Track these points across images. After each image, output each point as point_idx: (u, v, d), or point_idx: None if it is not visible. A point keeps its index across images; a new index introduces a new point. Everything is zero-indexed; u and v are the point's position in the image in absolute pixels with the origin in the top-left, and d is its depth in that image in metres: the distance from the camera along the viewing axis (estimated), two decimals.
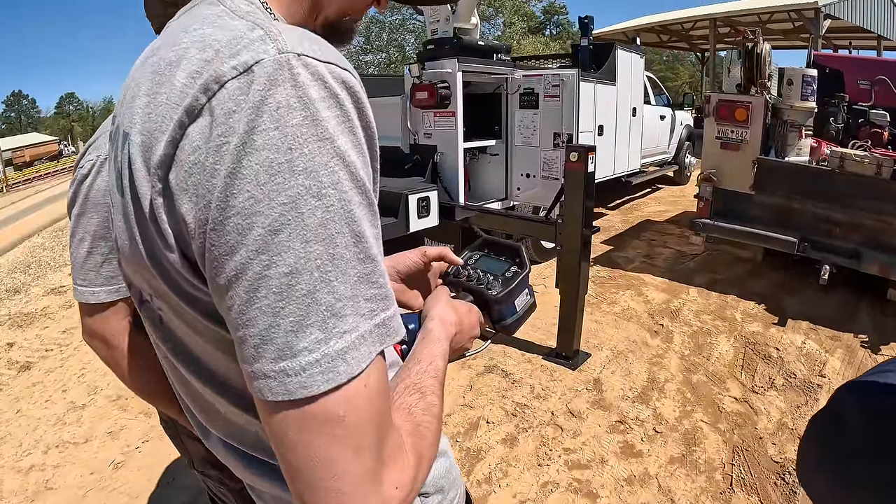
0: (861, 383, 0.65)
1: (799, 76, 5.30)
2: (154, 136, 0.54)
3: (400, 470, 0.56)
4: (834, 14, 13.86)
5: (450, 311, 0.92)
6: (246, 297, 0.49)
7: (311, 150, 0.49)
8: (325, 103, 0.51)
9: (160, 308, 0.68)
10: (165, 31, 0.66)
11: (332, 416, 0.50)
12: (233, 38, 0.53)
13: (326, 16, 0.73)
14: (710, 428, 3.31)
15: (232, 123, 0.49)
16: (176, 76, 0.54)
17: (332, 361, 0.50)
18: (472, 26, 5.73)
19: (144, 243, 0.59)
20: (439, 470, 0.90)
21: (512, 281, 1.09)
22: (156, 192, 0.54)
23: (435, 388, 0.72)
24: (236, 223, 0.49)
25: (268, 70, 0.50)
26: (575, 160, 3.82)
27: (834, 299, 5.12)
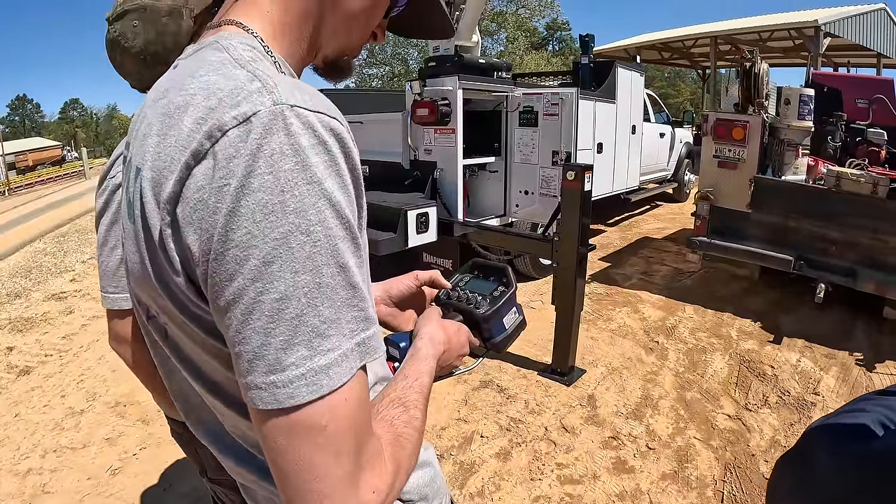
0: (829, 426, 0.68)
1: (796, 96, 5.34)
2: (163, 174, 0.61)
3: (378, 476, 0.62)
4: (834, 32, 13.96)
5: (439, 331, 0.98)
6: (242, 319, 0.56)
7: (300, 192, 0.56)
8: (315, 150, 0.58)
9: (166, 323, 0.75)
10: (174, 71, 0.73)
11: (315, 424, 0.57)
12: (234, 89, 0.60)
13: (325, 55, 0.81)
14: (703, 445, 3.34)
15: (232, 167, 0.56)
16: (183, 121, 0.60)
17: (315, 375, 0.56)
18: (473, 44, 5.82)
19: (154, 267, 0.66)
20: (424, 479, 0.95)
21: (499, 300, 1.14)
22: (165, 224, 0.61)
23: (418, 402, 0.78)
24: (235, 254, 0.56)
25: (264, 120, 0.56)
26: (572, 179, 3.87)
27: (830, 317, 5.15)
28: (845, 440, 0.64)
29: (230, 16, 0.74)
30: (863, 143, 5.74)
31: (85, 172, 30.28)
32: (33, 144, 57.56)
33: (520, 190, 5.88)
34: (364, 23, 0.81)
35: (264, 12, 0.73)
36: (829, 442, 0.66)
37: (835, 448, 0.64)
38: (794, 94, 5.35)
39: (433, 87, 5.25)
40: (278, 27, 0.74)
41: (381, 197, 5.11)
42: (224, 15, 0.76)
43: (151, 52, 1.34)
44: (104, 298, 1.33)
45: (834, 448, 0.64)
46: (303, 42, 0.77)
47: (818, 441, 0.67)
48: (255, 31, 0.71)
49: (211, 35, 0.73)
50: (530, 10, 34.87)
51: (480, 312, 1.11)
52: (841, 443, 0.64)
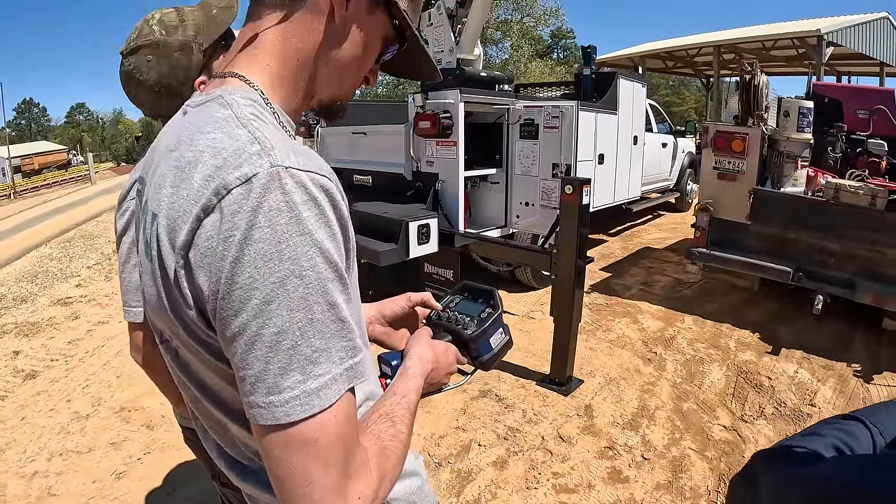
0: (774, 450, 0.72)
1: (795, 108, 5.37)
2: (177, 223, 0.71)
3: (364, 484, 0.72)
4: (836, 41, 13.99)
5: (427, 351, 1.07)
6: (246, 348, 0.66)
7: (294, 243, 0.66)
8: (307, 205, 0.67)
9: (178, 346, 0.86)
10: (185, 119, 0.83)
11: (308, 438, 0.67)
12: (237, 150, 0.69)
13: (320, 100, 0.91)
14: (698, 455, 3.39)
15: (237, 221, 0.66)
16: (194, 177, 0.70)
17: (308, 397, 0.66)
18: (474, 57, 5.89)
19: (169, 301, 0.76)
20: (411, 487, 1.05)
21: (485, 321, 1.21)
22: (179, 266, 0.71)
23: (405, 417, 0.87)
24: (239, 294, 0.66)
25: (262, 181, 0.66)
26: (570, 193, 3.93)
27: (828, 329, 5.18)
28: (791, 463, 0.67)
29: (233, 68, 0.83)
30: (863, 154, 5.75)
31: (90, 177, 30.38)
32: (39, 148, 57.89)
33: (521, 201, 5.93)
34: (355, 70, 0.91)
35: (264, 66, 0.82)
36: (774, 464, 0.69)
37: (779, 471, 0.67)
38: (794, 107, 5.38)
39: (435, 99, 5.31)
40: (277, 79, 0.83)
41: (383, 208, 5.17)
42: (228, 66, 0.85)
43: (165, 85, 1.44)
44: (126, 312, 1.41)
45: (778, 471, 0.67)
46: (299, 91, 0.86)
47: (764, 463, 0.70)
48: (255, 84, 0.81)
49: (216, 87, 0.82)
50: (535, 19, 35.00)
51: (468, 333, 1.18)
52: (786, 466, 0.67)
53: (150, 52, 1.43)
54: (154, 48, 1.42)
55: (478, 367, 1.23)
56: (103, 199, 18.86)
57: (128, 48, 1.44)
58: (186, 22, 1.46)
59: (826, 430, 0.70)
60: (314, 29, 0.83)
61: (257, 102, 0.79)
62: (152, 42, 1.42)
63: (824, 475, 0.63)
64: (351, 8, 0.83)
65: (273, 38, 0.82)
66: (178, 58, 1.44)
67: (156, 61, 1.43)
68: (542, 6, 34.66)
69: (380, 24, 0.89)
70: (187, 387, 0.90)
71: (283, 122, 0.82)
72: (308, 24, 0.82)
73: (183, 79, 1.44)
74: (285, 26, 0.82)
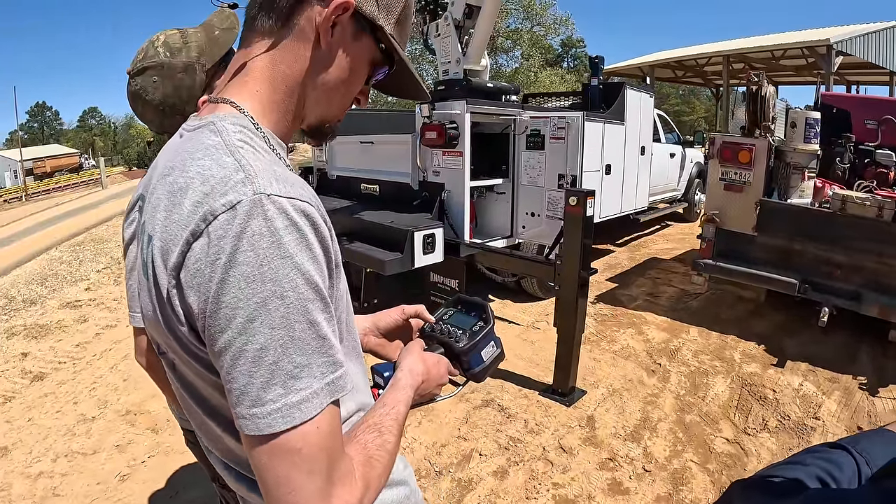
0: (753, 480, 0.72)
1: (802, 119, 5.35)
2: (169, 245, 0.75)
3: (348, 491, 0.75)
4: (846, 51, 13.96)
5: (418, 363, 1.11)
6: (231, 363, 0.70)
7: (276, 265, 0.70)
8: (288, 230, 0.71)
9: (173, 358, 0.90)
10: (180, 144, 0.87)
11: (291, 448, 0.70)
12: (223, 178, 0.74)
13: (309, 122, 0.95)
14: (699, 468, 3.38)
15: (222, 245, 0.70)
16: (185, 202, 0.75)
17: (289, 409, 0.70)
18: (481, 68, 5.92)
19: (163, 316, 0.80)
20: (398, 496, 1.06)
21: (477, 335, 1.24)
22: (171, 286, 0.75)
23: (393, 428, 0.91)
24: (225, 313, 0.70)
25: (246, 207, 0.70)
26: (574, 204, 3.94)
27: (834, 341, 5.15)
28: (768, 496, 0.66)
29: (226, 94, 0.88)
30: (871, 165, 5.74)
31: (102, 181, 30.59)
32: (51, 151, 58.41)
33: (527, 212, 5.94)
34: (343, 93, 0.95)
35: (254, 92, 0.87)
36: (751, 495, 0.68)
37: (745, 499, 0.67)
38: (801, 117, 5.37)
39: (442, 110, 5.35)
40: (267, 105, 0.88)
41: (389, 217, 5.20)
42: (221, 92, 0.89)
43: (169, 104, 1.53)
44: (132, 317, 1.45)
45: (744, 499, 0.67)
46: (289, 115, 0.90)
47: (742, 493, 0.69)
48: (246, 110, 0.85)
49: (209, 112, 0.87)
50: (545, 28, 34.95)
51: (460, 346, 1.21)
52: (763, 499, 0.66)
53: (155, 73, 1.50)
54: (159, 69, 1.50)
55: (469, 379, 1.26)
56: (114, 204, 19.01)
57: (134, 69, 1.52)
58: (190, 43, 1.52)
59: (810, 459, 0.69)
60: (301, 55, 0.86)
61: (247, 128, 0.83)
62: (157, 63, 1.50)
63: None
64: (336, 34, 0.87)
65: (262, 65, 0.87)
66: (181, 78, 1.51)
67: (161, 82, 1.50)
68: (552, 15, 34.62)
69: (366, 48, 0.92)
70: (184, 397, 0.94)
71: (273, 145, 0.85)
72: (295, 50, 0.86)
73: (187, 98, 1.51)
74: (273, 53, 0.86)
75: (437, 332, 1.26)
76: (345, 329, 0.93)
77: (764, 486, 0.68)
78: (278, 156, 0.85)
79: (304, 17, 0.85)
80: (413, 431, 3.78)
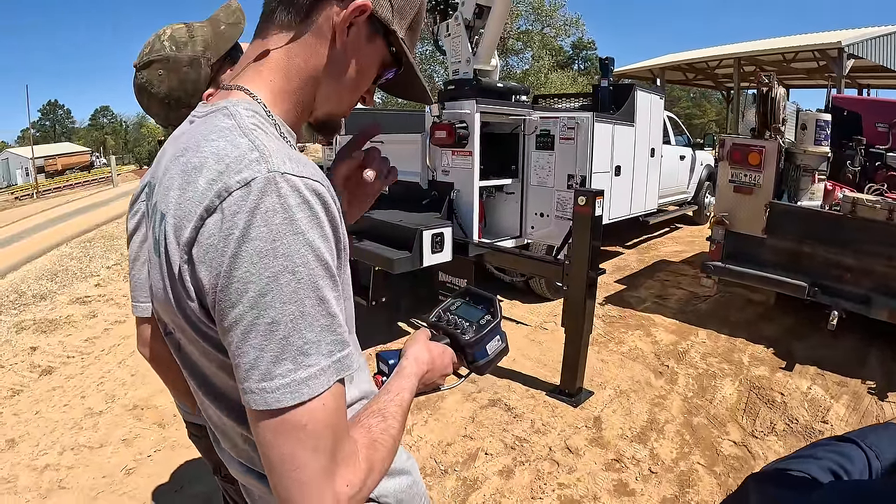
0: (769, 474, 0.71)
1: (812, 121, 5.32)
2: (183, 222, 0.76)
3: (352, 472, 0.76)
4: (857, 54, 13.88)
5: (423, 352, 1.12)
6: (241, 337, 0.71)
7: (288, 241, 0.71)
8: (300, 208, 0.73)
9: (180, 338, 0.91)
10: (191, 128, 0.89)
11: (297, 424, 0.71)
12: (238, 157, 0.75)
13: (317, 116, 0.97)
14: (706, 470, 3.37)
15: (236, 220, 0.71)
16: (199, 181, 0.76)
17: (298, 385, 0.71)
18: (491, 68, 5.92)
19: (173, 294, 0.81)
20: (401, 485, 1.09)
21: (484, 328, 1.24)
22: (183, 261, 0.76)
23: (397, 414, 0.92)
24: (237, 287, 0.71)
25: (260, 185, 0.72)
26: (583, 204, 3.94)
27: (844, 345, 5.12)
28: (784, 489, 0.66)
29: (239, 81, 0.90)
30: (882, 168, 5.72)
31: (113, 179, 30.76)
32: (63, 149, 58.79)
33: (536, 212, 5.94)
34: (352, 91, 0.97)
35: (268, 81, 0.89)
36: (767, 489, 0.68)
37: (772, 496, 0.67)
38: (811, 119, 5.34)
39: (452, 109, 5.35)
40: (279, 94, 0.89)
41: (398, 216, 5.20)
42: (235, 80, 0.91)
43: (175, 98, 1.54)
44: (135, 307, 1.48)
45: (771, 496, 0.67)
46: (299, 106, 0.92)
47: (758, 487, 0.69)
48: (259, 97, 0.87)
49: (222, 98, 0.88)
50: (556, 30, 34.88)
51: (466, 338, 1.22)
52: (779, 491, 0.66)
53: (160, 66, 1.52)
54: (165, 63, 1.51)
55: (473, 371, 1.26)
56: (125, 201, 19.02)
57: (140, 62, 1.54)
58: (195, 38, 1.54)
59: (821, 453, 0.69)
60: (317, 51, 0.89)
61: (259, 114, 0.84)
62: (163, 57, 1.51)
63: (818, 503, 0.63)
64: (352, 34, 0.90)
65: (278, 57, 0.89)
66: (187, 72, 1.52)
67: (166, 75, 1.52)
68: (562, 17, 34.54)
69: (378, 50, 0.96)
70: (190, 381, 0.95)
71: (283, 132, 0.87)
72: (311, 46, 0.89)
73: (192, 91, 1.52)
74: (290, 47, 0.88)
75: (443, 322, 1.27)
76: (348, 316, 0.94)
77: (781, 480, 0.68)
78: (288, 143, 0.86)
79: (322, 15, 0.87)
80: (419, 430, 3.78)
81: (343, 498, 0.74)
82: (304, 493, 0.71)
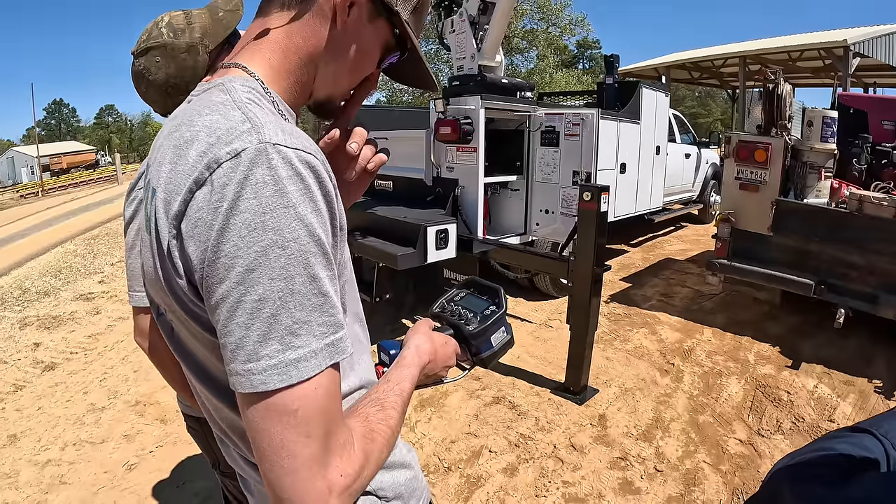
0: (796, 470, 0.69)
1: (819, 118, 5.28)
2: (172, 195, 0.73)
3: (346, 461, 0.72)
4: (863, 52, 13.82)
5: (425, 343, 1.08)
6: (228, 315, 0.68)
7: (278, 214, 0.67)
8: (291, 180, 0.69)
9: (171, 320, 0.90)
10: (188, 107, 0.86)
11: (287, 408, 0.68)
12: (229, 129, 0.72)
13: (316, 98, 0.94)
14: (712, 469, 3.34)
15: (225, 192, 0.68)
16: (189, 153, 0.73)
17: (286, 367, 0.67)
18: (496, 64, 5.89)
19: (163, 272, 0.78)
20: (400, 479, 1.04)
21: (488, 319, 1.21)
22: (171, 236, 0.73)
23: (396, 404, 0.89)
24: (224, 262, 0.67)
25: (250, 155, 0.69)
26: (588, 199, 3.91)
27: (850, 343, 5.08)
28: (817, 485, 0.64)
29: (238, 59, 0.88)
30: (889, 166, 5.68)
31: (118, 177, 30.86)
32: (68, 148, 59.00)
33: (541, 209, 5.91)
34: (353, 73, 0.95)
35: (266, 58, 0.86)
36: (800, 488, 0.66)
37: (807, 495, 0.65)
38: (817, 116, 5.29)
39: (456, 105, 5.32)
40: (277, 72, 0.87)
41: (402, 212, 5.18)
42: (233, 58, 0.89)
43: (172, 84, 1.52)
44: (131, 297, 1.47)
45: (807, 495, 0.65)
46: (298, 86, 0.90)
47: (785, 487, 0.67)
48: (256, 74, 0.85)
49: (220, 76, 0.86)
50: (561, 28, 34.89)
51: (470, 329, 1.19)
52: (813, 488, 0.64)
53: (158, 53, 1.50)
54: (162, 50, 1.49)
55: (476, 364, 1.23)
56: None
57: (138, 49, 1.53)
58: (193, 24, 1.52)
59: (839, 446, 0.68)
60: (317, 31, 0.87)
61: (256, 90, 0.82)
62: (161, 44, 1.49)
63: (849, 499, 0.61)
64: (353, 15, 0.88)
65: (277, 36, 0.87)
66: (184, 59, 1.50)
67: (164, 62, 1.50)
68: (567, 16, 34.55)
69: (380, 32, 0.93)
70: (183, 366, 0.93)
71: (281, 110, 0.85)
72: (312, 26, 0.87)
73: (190, 79, 1.51)
74: (291, 26, 0.86)
75: (447, 312, 1.24)
76: (348, 299, 0.92)
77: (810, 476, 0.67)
78: (286, 120, 0.83)
79: None
80: (423, 427, 3.76)
81: (336, 488, 0.70)
82: (294, 482, 0.68)
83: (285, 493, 0.68)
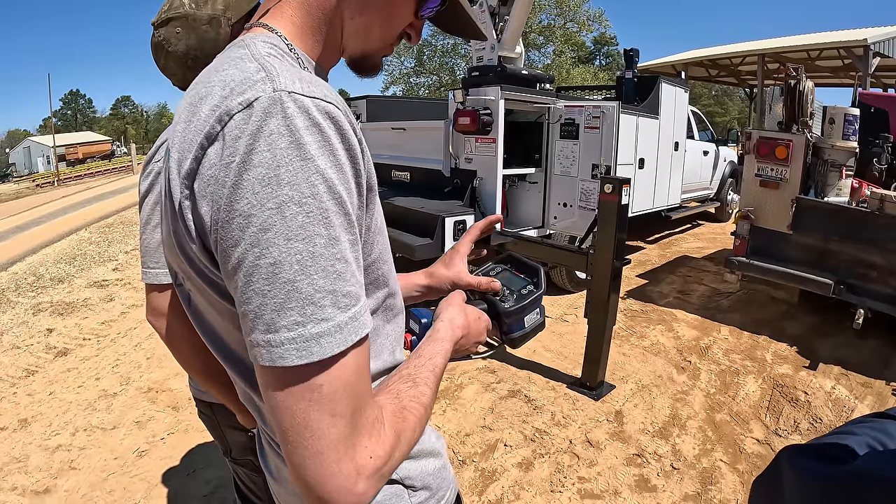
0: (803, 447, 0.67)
1: (841, 115, 5.20)
2: (185, 154, 0.68)
3: (376, 442, 0.67)
4: (883, 52, 13.63)
5: (459, 316, 1.01)
6: (245, 281, 0.62)
7: (294, 168, 0.61)
8: (309, 131, 0.63)
9: (189, 289, 0.83)
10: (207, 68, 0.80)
11: (312, 384, 0.62)
12: (243, 79, 0.67)
13: (350, 54, 0.88)
14: (729, 468, 3.30)
15: (237, 146, 0.62)
16: (202, 109, 0.68)
17: (306, 342, 0.61)
18: (516, 55, 5.85)
19: (176, 235, 0.73)
20: (429, 468, 0.97)
21: (525, 298, 1.16)
22: (184, 197, 0.68)
23: (429, 380, 0.82)
24: (238, 222, 0.61)
25: (264, 105, 0.63)
26: (609, 192, 3.86)
27: (869, 345, 5.01)
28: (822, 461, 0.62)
29: (261, 20, 0.82)
30: None
31: (133, 167, 31.02)
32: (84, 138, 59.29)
33: (559, 202, 5.88)
34: (385, 24, 0.88)
35: (289, 16, 0.81)
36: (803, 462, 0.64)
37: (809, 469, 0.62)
38: (839, 114, 5.22)
39: (476, 96, 5.29)
40: (301, 29, 0.82)
41: (420, 203, 5.16)
42: (256, 18, 0.84)
43: (192, 57, 1.47)
44: (144, 274, 1.43)
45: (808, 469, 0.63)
46: (325, 43, 0.84)
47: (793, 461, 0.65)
48: (280, 31, 0.80)
49: (242, 37, 0.81)
50: (579, 24, 34.75)
51: (505, 307, 1.14)
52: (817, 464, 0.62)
53: (179, 24, 1.45)
54: (183, 21, 1.44)
55: (505, 343, 1.18)
56: None
57: (159, 19, 1.47)
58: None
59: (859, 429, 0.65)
60: None
61: (278, 46, 0.77)
62: (182, 15, 1.44)
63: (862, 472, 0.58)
64: None
65: None
66: (206, 31, 1.45)
67: (184, 34, 1.45)
68: (585, 11, 34.41)
69: None
70: (205, 341, 0.87)
71: (307, 67, 0.79)
72: None
73: (210, 51, 1.45)
74: None
75: None
76: (387, 270, 0.87)
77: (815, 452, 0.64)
78: None
79: None
80: (437, 419, 3.74)
81: (366, 471, 0.64)
82: (320, 464, 0.62)
83: (310, 477, 0.62)
